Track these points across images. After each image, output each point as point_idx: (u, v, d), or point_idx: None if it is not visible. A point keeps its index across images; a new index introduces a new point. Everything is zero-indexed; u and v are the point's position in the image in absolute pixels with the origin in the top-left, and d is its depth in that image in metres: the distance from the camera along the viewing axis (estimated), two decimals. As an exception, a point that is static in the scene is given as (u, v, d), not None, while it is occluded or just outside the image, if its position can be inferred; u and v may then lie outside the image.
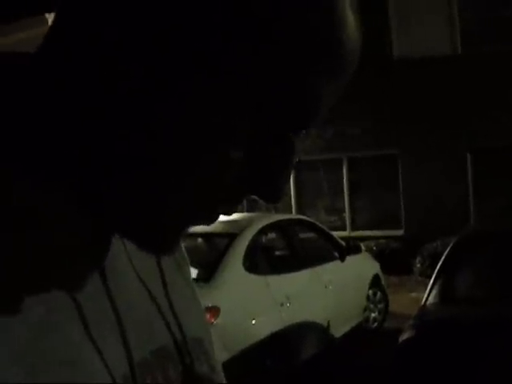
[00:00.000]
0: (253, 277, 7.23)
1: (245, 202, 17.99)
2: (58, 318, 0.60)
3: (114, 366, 0.64)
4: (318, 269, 8.84)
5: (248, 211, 16.43)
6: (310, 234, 9.90)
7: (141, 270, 0.74)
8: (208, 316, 6.17)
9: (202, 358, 0.78)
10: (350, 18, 0.61)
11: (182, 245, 0.86)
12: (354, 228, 17.46)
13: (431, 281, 6.35)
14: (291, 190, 17.89)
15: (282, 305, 7.41)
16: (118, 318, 0.67)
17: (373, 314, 10.77)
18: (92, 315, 0.63)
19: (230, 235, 7.38)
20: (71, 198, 0.63)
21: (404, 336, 5.65)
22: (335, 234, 10.79)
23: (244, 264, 7.14)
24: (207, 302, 6.23)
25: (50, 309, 0.59)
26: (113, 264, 0.69)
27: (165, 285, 0.78)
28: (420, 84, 16.20)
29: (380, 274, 11.20)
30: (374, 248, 15.29)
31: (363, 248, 10.98)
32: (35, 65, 0.63)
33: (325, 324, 8.50)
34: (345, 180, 17.64)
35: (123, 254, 0.72)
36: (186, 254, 0.87)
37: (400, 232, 16.83)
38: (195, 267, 7.14)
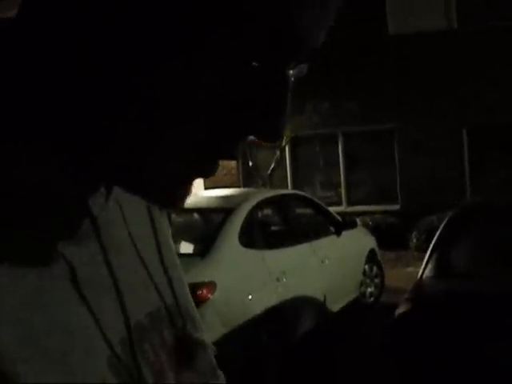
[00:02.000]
0: (249, 252, 7.24)
1: (241, 178, 18.00)
2: (52, 286, 0.60)
3: (110, 331, 0.64)
4: (314, 244, 8.86)
5: (244, 187, 16.45)
6: (306, 209, 9.92)
7: (137, 236, 0.74)
8: (204, 291, 6.18)
9: (191, 323, 0.78)
10: None
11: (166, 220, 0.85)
12: (350, 203, 17.47)
13: (427, 255, 6.37)
14: (287, 166, 17.88)
15: (278, 280, 7.42)
16: (115, 283, 0.67)
17: (369, 289, 10.80)
18: (87, 280, 0.63)
19: (226, 210, 7.38)
20: (60, 153, 0.62)
21: (400, 310, 5.67)
22: (331, 209, 10.81)
23: (240, 239, 7.14)
24: (203, 278, 6.24)
25: (43, 277, 0.59)
26: (110, 229, 0.69)
27: (159, 248, 0.78)
28: (416, 59, 16.16)
29: (376, 248, 11.23)
30: (370, 223, 15.31)
31: (359, 223, 10.99)
32: (17, 27, 0.62)
33: (321, 299, 8.52)
34: (340, 155, 17.63)
35: (120, 221, 0.72)
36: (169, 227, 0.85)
37: (396, 207, 16.85)
38: (191, 242, 7.16)
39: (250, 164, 16.73)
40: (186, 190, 0.64)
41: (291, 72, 0.61)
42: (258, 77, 0.59)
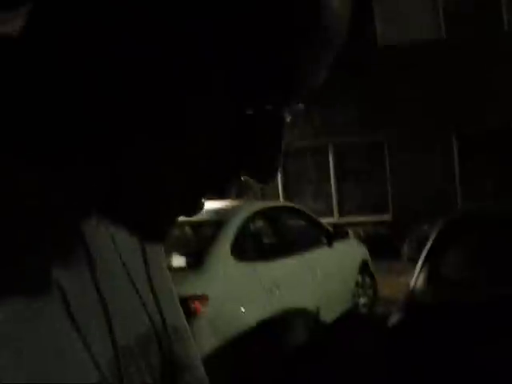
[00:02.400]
0: (241, 264, 7.23)
1: (232, 190, 18.00)
2: (43, 306, 0.60)
3: (98, 354, 0.64)
4: (307, 255, 8.86)
5: (236, 198, 16.46)
6: (298, 221, 9.92)
7: (127, 259, 0.75)
8: (197, 304, 6.17)
9: (178, 345, 0.78)
10: None
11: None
12: (341, 214, 17.49)
13: (419, 264, 6.38)
14: (278, 178, 17.89)
15: (271, 292, 7.41)
16: (105, 308, 0.67)
17: (362, 300, 10.80)
18: (77, 303, 0.63)
19: (218, 223, 7.38)
20: (54, 179, 0.63)
21: (393, 319, 5.67)
22: (323, 220, 10.82)
23: (232, 252, 7.14)
24: (196, 290, 6.23)
25: (34, 295, 0.59)
26: (102, 255, 0.69)
27: (147, 269, 0.78)
28: (405, 70, 16.23)
29: (368, 259, 11.24)
30: (362, 234, 15.34)
31: (351, 234, 11.00)
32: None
33: (314, 310, 8.52)
34: (331, 166, 17.66)
35: (111, 246, 0.73)
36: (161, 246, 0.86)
37: (388, 217, 16.88)
38: (183, 256, 7.15)
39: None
40: (171, 226, 0.65)
41: (287, 112, 0.62)
42: (255, 121, 0.60)
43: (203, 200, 0.65)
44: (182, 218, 0.65)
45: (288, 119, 0.62)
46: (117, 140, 0.59)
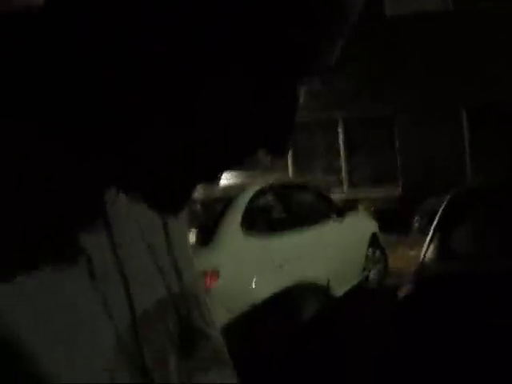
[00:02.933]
0: (251, 239, 7.25)
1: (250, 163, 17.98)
2: (69, 268, 0.63)
3: (118, 319, 0.67)
4: (316, 229, 8.88)
5: (245, 173, 16.44)
6: (308, 195, 9.93)
7: (146, 226, 0.76)
8: (208, 279, 6.21)
9: (196, 313, 0.80)
10: None
11: None
12: (351, 188, 17.48)
13: (428, 237, 6.39)
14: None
15: (281, 266, 7.44)
16: (123, 273, 0.69)
17: (372, 273, 10.83)
18: (98, 267, 0.66)
19: (228, 199, 7.39)
20: (78, 148, 0.65)
21: (403, 292, 5.69)
22: (332, 194, 10.83)
23: (242, 227, 7.16)
24: (206, 266, 6.27)
25: (60, 258, 0.62)
26: (120, 221, 0.71)
27: (168, 238, 0.80)
28: (413, 41, 16.13)
29: (378, 233, 11.25)
30: (372, 208, 15.31)
31: (360, 207, 11.01)
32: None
33: (324, 284, 8.55)
34: (341, 140, 17.62)
35: (128, 212, 0.74)
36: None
37: (397, 191, 16.86)
38: (194, 232, 7.18)
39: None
40: (189, 196, 0.67)
41: (302, 87, 0.64)
42: (270, 96, 0.62)
43: (222, 173, 0.67)
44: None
45: (303, 94, 0.65)
46: (136, 119, 0.62)
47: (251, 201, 7.66)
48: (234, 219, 7.14)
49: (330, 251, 8.86)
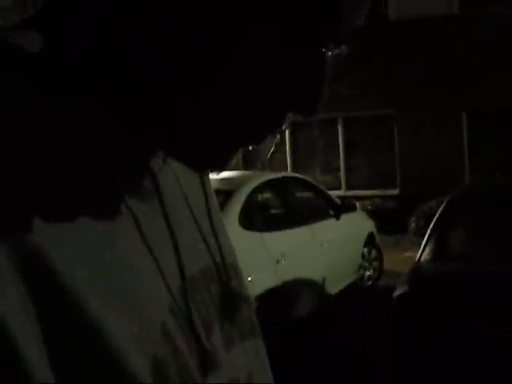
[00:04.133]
0: (249, 234, 7.26)
1: (240, 161, 18.01)
2: (121, 230, 0.66)
3: (171, 279, 0.70)
4: (314, 226, 8.89)
5: (244, 170, 16.47)
6: (306, 193, 9.95)
7: (189, 193, 0.81)
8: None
9: (236, 279, 0.84)
10: None
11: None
12: (349, 187, 17.50)
13: (425, 238, 6.41)
14: (287, 149, 17.88)
15: (277, 262, 7.46)
16: (173, 237, 0.73)
17: (367, 272, 10.85)
18: (150, 230, 0.69)
19: (226, 192, 7.40)
20: (120, 117, 0.68)
21: (398, 291, 5.71)
22: (330, 193, 10.84)
23: (240, 221, 7.17)
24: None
25: (113, 221, 0.66)
26: (167, 189, 0.75)
27: (209, 209, 0.84)
28: (416, 44, 16.14)
29: (375, 232, 11.26)
30: (369, 207, 15.34)
31: (358, 207, 11.03)
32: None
33: (320, 281, 8.58)
34: (340, 140, 17.64)
35: (175, 182, 0.79)
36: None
37: (395, 191, 16.88)
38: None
39: (250, 147, 16.71)
40: (231, 157, 0.70)
41: (330, 53, 0.67)
42: (297, 56, 0.65)
43: (264, 133, 0.70)
44: None
45: (332, 60, 0.68)
46: (182, 81, 0.65)
47: (250, 195, 7.68)
48: (232, 213, 7.15)
49: (326, 248, 8.88)
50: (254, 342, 0.84)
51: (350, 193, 16.88)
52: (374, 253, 11.08)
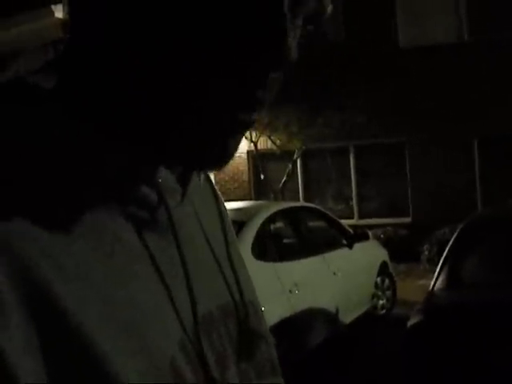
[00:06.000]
0: (261, 264, 7.26)
1: (252, 191, 18.03)
2: (137, 267, 0.67)
3: (183, 315, 0.70)
4: (327, 256, 8.88)
5: (256, 199, 16.48)
6: (318, 222, 9.94)
7: (207, 229, 0.80)
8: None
9: (254, 316, 0.83)
10: None
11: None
12: (361, 216, 17.47)
13: (438, 266, 6.38)
14: (298, 179, 17.90)
15: (290, 292, 7.44)
16: (186, 272, 0.72)
17: (381, 301, 10.80)
18: (164, 266, 0.70)
19: (239, 223, 7.41)
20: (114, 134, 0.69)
21: (412, 321, 5.68)
22: (343, 221, 10.83)
23: (253, 251, 7.17)
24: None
25: (128, 256, 0.66)
26: (184, 223, 0.75)
27: (227, 245, 0.84)
28: (426, 72, 16.18)
29: (388, 261, 11.23)
30: (382, 236, 15.31)
31: (371, 235, 11.01)
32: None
33: (333, 311, 8.55)
34: (352, 168, 17.64)
35: (193, 216, 0.79)
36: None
37: (408, 220, 16.84)
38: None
39: (262, 177, 16.77)
40: (229, 147, 0.69)
41: (298, 29, 0.66)
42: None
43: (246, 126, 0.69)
44: None
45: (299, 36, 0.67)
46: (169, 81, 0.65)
47: (262, 225, 7.68)
48: (245, 243, 7.15)
49: (339, 278, 8.86)
50: (273, 381, 0.83)
51: (363, 221, 16.85)
52: (387, 282, 11.04)
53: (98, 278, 0.63)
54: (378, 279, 10.76)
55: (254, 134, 15.79)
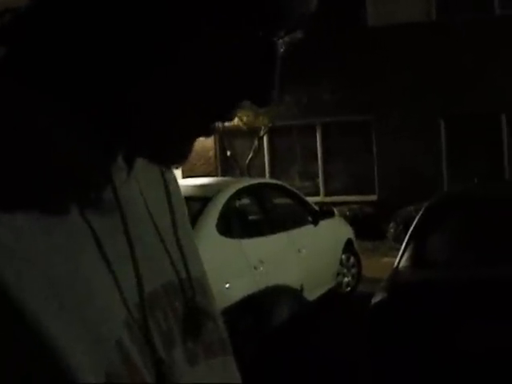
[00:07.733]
0: (226, 240, 7.25)
1: (218, 167, 18.00)
2: (78, 246, 0.65)
3: (128, 294, 0.69)
4: (292, 233, 8.88)
5: (222, 176, 16.47)
6: (284, 199, 9.94)
7: (153, 207, 0.79)
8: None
9: (202, 295, 0.82)
10: None
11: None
12: (327, 193, 17.52)
13: (403, 245, 6.41)
14: (265, 155, 17.89)
15: (255, 268, 7.45)
16: (132, 251, 0.71)
17: (346, 279, 10.85)
18: (109, 245, 0.68)
19: (204, 199, 7.39)
20: (83, 124, 0.68)
21: (376, 298, 5.71)
22: (309, 199, 10.83)
23: (218, 228, 7.15)
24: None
25: (70, 235, 0.65)
26: (130, 203, 0.73)
27: (174, 223, 0.82)
28: (394, 51, 16.20)
29: (353, 238, 11.27)
30: (348, 213, 15.36)
31: (336, 213, 11.03)
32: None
33: (298, 288, 8.56)
34: (318, 146, 17.66)
35: (139, 195, 0.77)
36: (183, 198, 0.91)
37: (374, 197, 16.92)
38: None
39: (228, 153, 16.74)
40: (189, 148, 0.69)
41: (282, 40, 0.66)
42: (247, 45, 0.64)
43: (213, 124, 0.69)
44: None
45: (284, 46, 0.67)
46: (131, 75, 0.64)
47: (228, 202, 7.66)
48: (209, 219, 7.14)
49: (304, 255, 8.87)
50: (222, 359, 0.82)
51: (329, 199, 16.89)
52: (352, 259, 11.08)
53: (40, 251, 0.61)
54: (343, 256, 10.80)
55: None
